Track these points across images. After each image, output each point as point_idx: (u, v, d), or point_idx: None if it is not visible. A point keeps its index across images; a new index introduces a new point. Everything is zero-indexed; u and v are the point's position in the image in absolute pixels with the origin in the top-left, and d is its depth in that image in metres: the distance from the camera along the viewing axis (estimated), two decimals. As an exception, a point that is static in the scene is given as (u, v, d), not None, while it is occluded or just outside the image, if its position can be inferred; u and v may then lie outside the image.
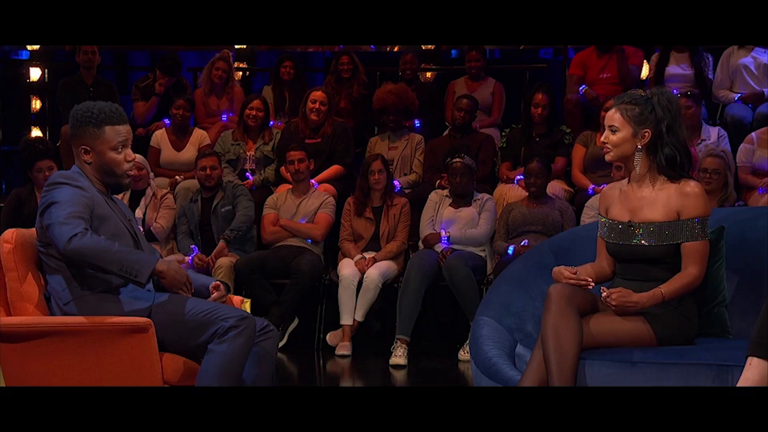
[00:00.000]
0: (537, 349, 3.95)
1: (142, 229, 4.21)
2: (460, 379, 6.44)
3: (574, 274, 4.01)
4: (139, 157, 6.83)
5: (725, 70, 8.45)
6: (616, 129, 4.07)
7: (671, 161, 4.05)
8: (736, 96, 8.30)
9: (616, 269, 4.21)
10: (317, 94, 7.99)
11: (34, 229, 4.01)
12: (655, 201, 4.07)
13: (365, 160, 7.51)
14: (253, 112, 8.10)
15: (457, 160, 7.11)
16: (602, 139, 4.12)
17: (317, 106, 7.93)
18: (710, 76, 8.44)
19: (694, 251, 4.02)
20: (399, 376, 6.46)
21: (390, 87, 8.24)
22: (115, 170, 4.04)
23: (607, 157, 4.14)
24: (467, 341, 6.75)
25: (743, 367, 3.53)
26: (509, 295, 4.48)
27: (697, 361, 3.83)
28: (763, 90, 8.23)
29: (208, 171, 7.39)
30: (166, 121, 8.52)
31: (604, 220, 4.23)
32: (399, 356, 6.62)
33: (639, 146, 4.06)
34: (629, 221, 4.10)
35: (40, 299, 3.95)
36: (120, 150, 4.03)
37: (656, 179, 4.10)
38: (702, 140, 7.55)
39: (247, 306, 4.35)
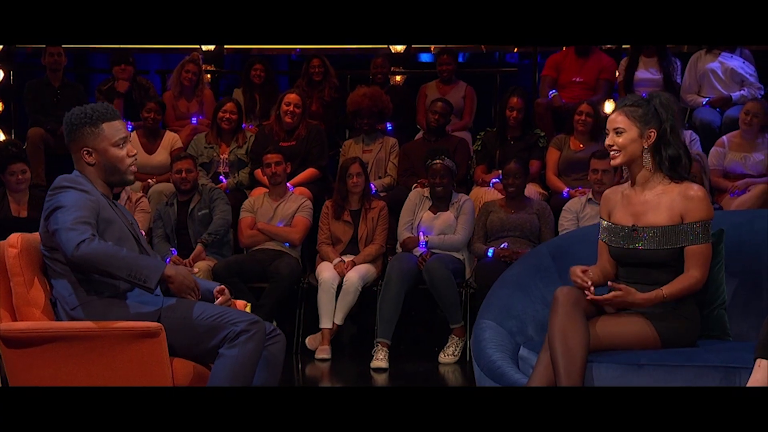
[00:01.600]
0: (543, 352, 3.97)
1: (143, 233, 4.16)
2: (441, 381, 6.44)
3: (584, 273, 4.06)
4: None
5: (693, 75, 8.56)
6: (622, 130, 4.09)
7: (675, 162, 4.10)
8: (704, 100, 8.41)
9: (618, 272, 4.23)
10: (291, 97, 7.95)
11: (38, 233, 3.95)
12: (659, 205, 4.10)
13: (343, 163, 7.48)
14: (227, 115, 8.05)
15: (438, 161, 7.11)
16: (607, 142, 4.13)
17: (291, 109, 7.89)
18: (678, 81, 8.52)
19: (697, 254, 4.06)
20: (380, 380, 6.43)
21: (364, 90, 8.24)
22: (119, 167, 4.02)
23: (614, 162, 4.14)
24: (447, 344, 6.80)
25: (750, 369, 3.58)
26: (510, 299, 4.50)
27: (705, 363, 3.87)
28: (731, 94, 8.35)
29: (183, 174, 7.33)
30: (129, 125, 8.43)
31: (606, 223, 4.25)
32: (380, 359, 6.61)
33: (645, 146, 4.10)
34: (633, 225, 4.13)
35: (46, 304, 3.90)
36: (122, 146, 4.02)
37: (659, 182, 4.13)
38: (674, 144, 7.62)
39: (248, 310, 4.33)
